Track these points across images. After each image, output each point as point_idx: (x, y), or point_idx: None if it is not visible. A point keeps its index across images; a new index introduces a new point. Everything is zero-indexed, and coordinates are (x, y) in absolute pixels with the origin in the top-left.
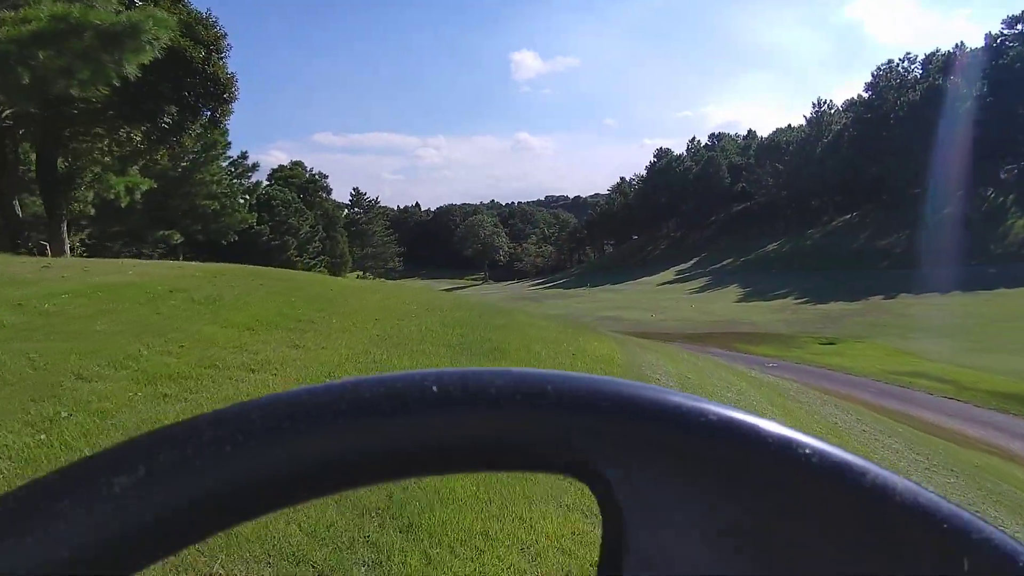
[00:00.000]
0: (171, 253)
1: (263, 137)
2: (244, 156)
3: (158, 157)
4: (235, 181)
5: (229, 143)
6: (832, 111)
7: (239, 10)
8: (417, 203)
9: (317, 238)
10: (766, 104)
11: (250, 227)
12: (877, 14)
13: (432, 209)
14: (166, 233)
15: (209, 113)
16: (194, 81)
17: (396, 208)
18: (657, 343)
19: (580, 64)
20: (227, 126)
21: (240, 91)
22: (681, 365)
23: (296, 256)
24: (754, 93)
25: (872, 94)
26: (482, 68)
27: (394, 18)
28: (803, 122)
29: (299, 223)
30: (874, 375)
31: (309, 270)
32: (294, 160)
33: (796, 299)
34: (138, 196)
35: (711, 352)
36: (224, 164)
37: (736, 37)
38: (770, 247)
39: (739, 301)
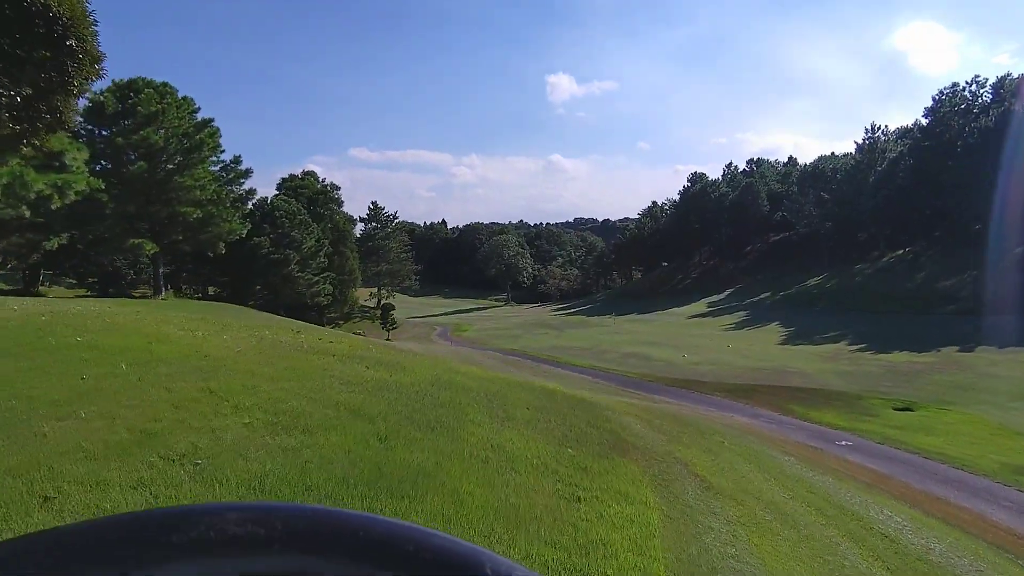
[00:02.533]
0: (153, 265)
1: (300, 150)
2: (237, 161)
3: (39, 143)
4: (225, 188)
5: (220, 147)
6: (885, 138)
7: (279, 25)
8: (444, 220)
9: (322, 253)
10: (805, 133)
11: (244, 238)
12: (921, 47)
13: (459, 227)
14: (136, 242)
15: (58, 75)
16: (3, 14)
17: (423, 224)
18: (726, 482)
19: (616, 88)
20: (216, 126)
21: (101, 42)
22: (781, 551)
23: (298, 272)
24: (793, 122)
25: (932, 120)
26: (518, 89)
27: (433, 38)
28: (851, 150)
29: (303, 236)
30: (993, 473)
31: (312, 287)
32: (307, 171)
33: (851, 345)
34: (72, 197)
35: (761, 416)
36: (215, 169)
37: (776, 65)
38: (812, 282)
39: (783, 343)
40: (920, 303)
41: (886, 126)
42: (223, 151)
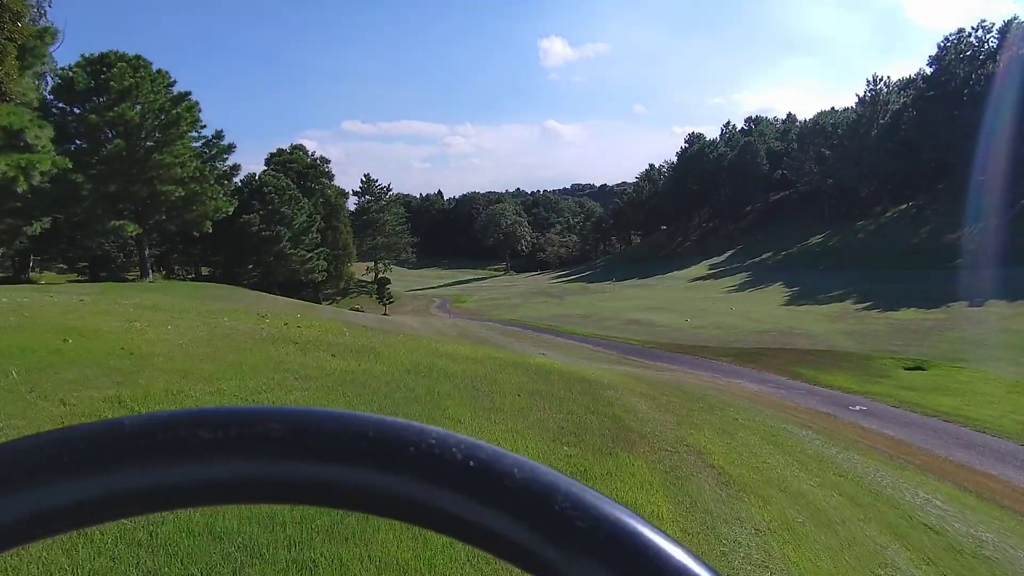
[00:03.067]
0: (138, 247)
1: (292, 125)
2: (219, 136)
3: None
4: (208, 164)
5: (199, 121)
6: (888, 90)
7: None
8: (440, 191)
9: (314, 228)
10: (802, 91)
11: (234, 216)
12: None
13: (456, 197)
14: (116, 224)
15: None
16: None
17: (419, 196)
18: (746, 472)
19: (610, 50)
20: (194, 100)
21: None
22: (823, 569)
23: (290, 249)
24: (789, 79)
25: (937, 69)
26: (511, 55)
27: (421, 4)
28: (852, 104)
29: (293, 212)
30: (1017, 435)
31: (305, 263)
32: (296, 144)
33: (856, 303)
34: (38, 178)
35: (768, 381)
36: (197, 145)
37: (771, 22)
38: (814, 240)
39: (787, 304)
40: (926, 258)
41: (888, 77)
42: (204, 126)
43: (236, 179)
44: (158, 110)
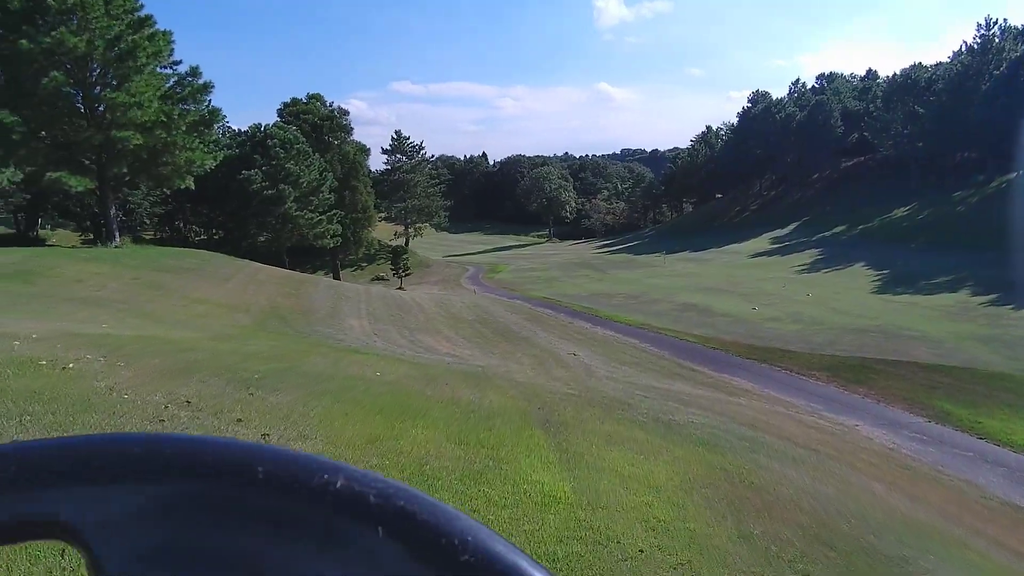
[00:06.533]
0: (101, 205)
1: (342, 87)
2: (195, 73)
3: None
4: (178, 107)
5: (166, 53)
6: (1003, 35)
7: None
8: (484, 153)
9: (326, 187)
10: (874, 52)
11: (234, 172)
12: None
13: (500, 160)
14: (53, 176)
15: None
16: None
17: (463, 158)
18: None
19: (670, 9)
20: (162, 29)
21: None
22: None
23: (296, 210)
24: (859, 40)
25: None
26: (564, 15)
27: None
28: (947, 58)
29: (301, 168)
30: None
31: (315, 227)
32: (312, 93)
33: (976, 295)
34: None
35: (901, 425)
36: (170, 84)
37: None
38: (898, 213)
39: (878, 291)
40: None
41: (1004, 20)
42: (178, 62)
43: (241, 128)
44: (114, 38)
